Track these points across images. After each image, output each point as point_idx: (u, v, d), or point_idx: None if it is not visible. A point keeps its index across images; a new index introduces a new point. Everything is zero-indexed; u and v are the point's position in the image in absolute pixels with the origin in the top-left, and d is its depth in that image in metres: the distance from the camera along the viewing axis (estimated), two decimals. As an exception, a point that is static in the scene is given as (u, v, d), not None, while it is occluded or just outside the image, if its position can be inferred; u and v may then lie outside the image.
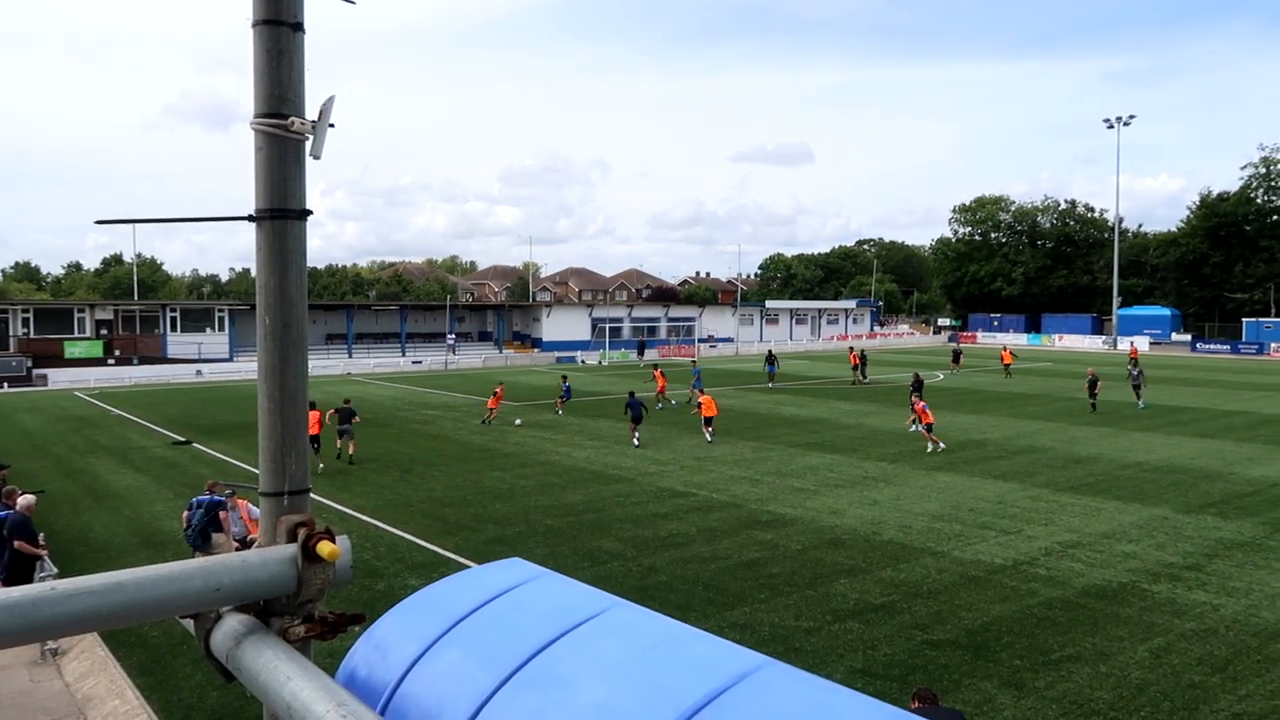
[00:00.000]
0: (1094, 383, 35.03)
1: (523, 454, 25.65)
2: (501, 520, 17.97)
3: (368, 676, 5.84)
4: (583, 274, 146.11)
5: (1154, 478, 21.84)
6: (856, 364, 47.09)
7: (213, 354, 60.16)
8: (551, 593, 6.20)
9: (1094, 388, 34.91)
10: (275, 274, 2.46)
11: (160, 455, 26.42)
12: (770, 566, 14.71)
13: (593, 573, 14.06)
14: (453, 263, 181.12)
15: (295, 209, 2.48)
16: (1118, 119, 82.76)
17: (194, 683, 10.40)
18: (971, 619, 12.23)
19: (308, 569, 2.19)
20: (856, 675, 10.40)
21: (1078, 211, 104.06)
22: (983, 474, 22.30)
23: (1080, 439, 27.73)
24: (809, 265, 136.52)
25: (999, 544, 15.97)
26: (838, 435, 28.79)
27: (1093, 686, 10.16)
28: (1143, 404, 36.42)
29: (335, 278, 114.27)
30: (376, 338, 71.24)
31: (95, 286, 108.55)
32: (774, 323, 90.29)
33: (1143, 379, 37.73)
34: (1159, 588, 13.57)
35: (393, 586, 13.52)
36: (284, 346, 2.46)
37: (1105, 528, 17.08)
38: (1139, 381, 37.34)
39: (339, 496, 20.11)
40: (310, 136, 2.49)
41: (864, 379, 46.59)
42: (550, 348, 71.36)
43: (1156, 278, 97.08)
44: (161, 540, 16.74)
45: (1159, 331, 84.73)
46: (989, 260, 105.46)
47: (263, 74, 2.46)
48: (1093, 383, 35.08)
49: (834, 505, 18.97)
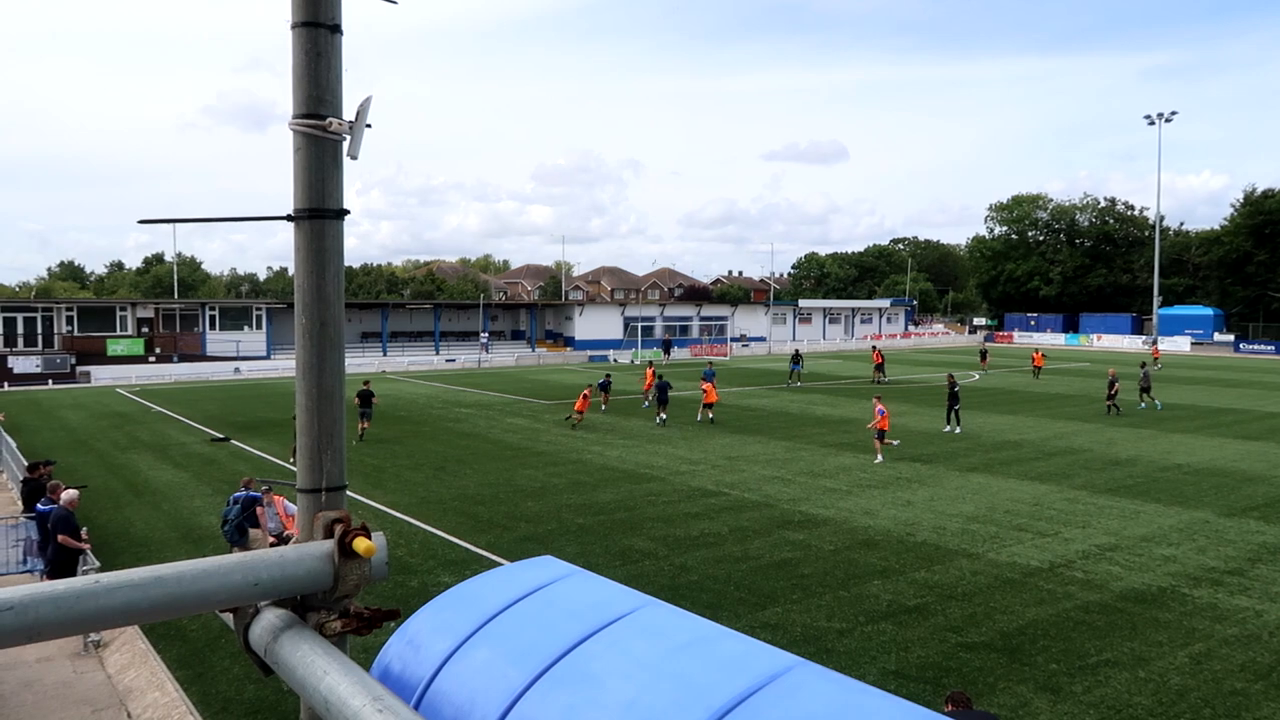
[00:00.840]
0: (1112, 383, 34.43)
1: (555, 452, 25.74)
2: (533, 518, 18.04)
3: (401, 672, 5.90)
4: (615, 273, 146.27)
5: (1195, 480, 21.46)
6: (880, 362, 47.76)
7: (250, 352, 60.95)
8: (583, 591, 6.23)
9: (1111, 388, 34.25)
10: (313, 273, 2.49)
11: (199, 452, 26.83)
12: (802, 567, 14.64)
13: (624, 571, 14.08)
14: (486, 262, 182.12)
15: (333, 209, 2.51)
16: (1159, 115, 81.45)
17: (232, 676, 10.56)
18: (1006, 622, 12.10)
19: (344, 565, 2.21)
20: (889, 677, 10.32)
21: (1117, 209, 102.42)
22: (1019, 475, 22.04)
23: (1118, 440, 27.32)
24: (842, 264, 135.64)
25: (1035, 546, 15.78)
26: (871, 435, 28.56)
27: (1131, 692, 10.01)
28: (1159, 405, 35.92)
29: (370, 276, 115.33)
30: (410, 336, 71.81)
31: (137, 285, 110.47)
32: (807, 322, 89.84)
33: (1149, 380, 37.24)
34: (1200, 592, 13.33)
35: (426, 583, 13.62)
36: (321, 345, 2.49)
37: (1144, 531, 16.81)
38: (1147, 383, 36.88)
39: (373, 494, 20.31)
40: (348, 137, 2.51)
41: (884, 378, 46.84)
42: (582, 346, 71.52)
43: (1199, 277, 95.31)
44: (200, 535, 17.00)
45: (1201, 331, 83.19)
46: (1026, 259, 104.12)
47: (301, 75, 2.49)
48: (1111, 383, 34.48)
49: (867, 506, 18.84)
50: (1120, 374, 36.44)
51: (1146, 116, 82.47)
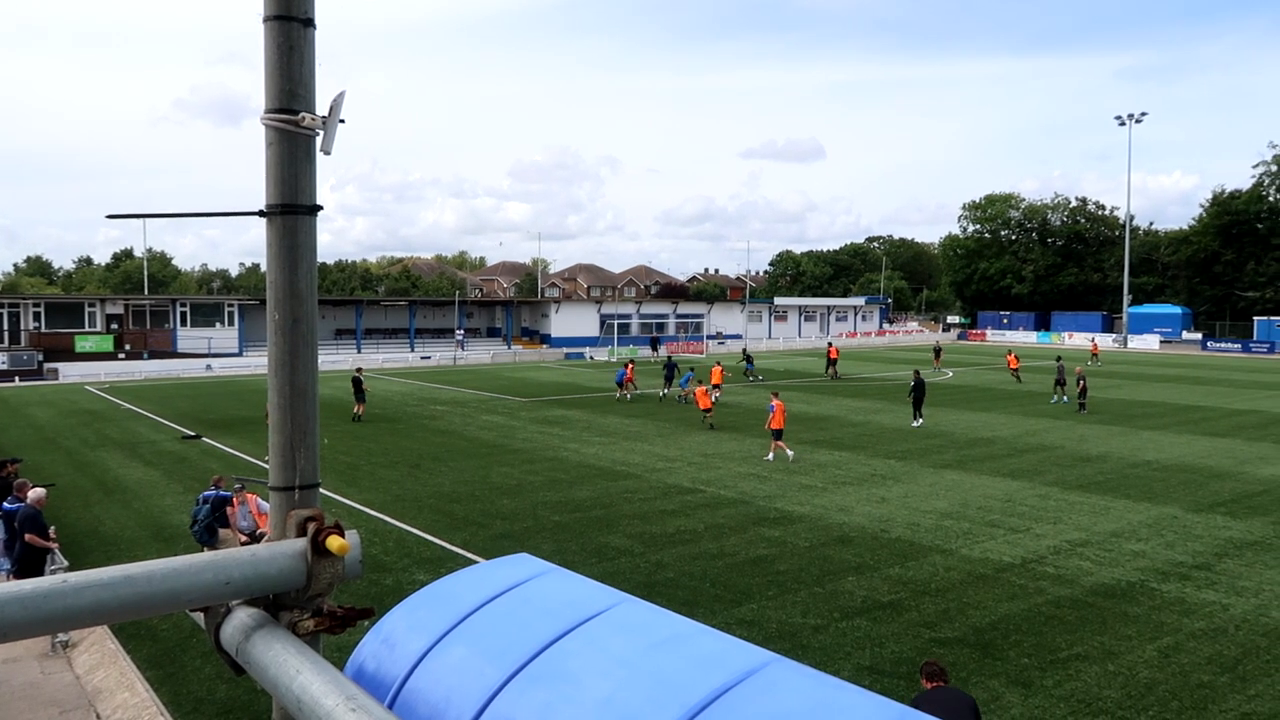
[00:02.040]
0: (1080, 379, 34.83)
1: (531, 450, 25.69)
2: (509, 516, 18.00)
3: (376, 670, 5.87)
4: (591, 270, 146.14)
5: (1164, 476, 21.76)
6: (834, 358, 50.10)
7: (222, 349, 60.37)
8: (559, 588, 6.22)
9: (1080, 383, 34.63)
10: (285, 269, 2.46)
11: (170, 449, 26.54)
12: (778, 563, 14.71)
13: (600, 569, 14.08)
14: (461, 258, 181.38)
15: (305, 204, 2.49)
16: (1129, 116, 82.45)
17: (203, 676, 10.46)
18: (979, 617, 12.21)
19: (317, 563, 2.19)
20: (864, 673, 10.40)
21: (1088, 209, 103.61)
22: (991, 472, 22.25)
23: (1089, 437, 27.65)
24: (818, 262, 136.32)
25: (1007, 542, 15.94)
26: (846, 432, 28.76)
27: (1101, 685, 10.14)
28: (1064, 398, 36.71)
29: (344, 273, 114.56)
30: (385, 333, 71.42)
31: (106, 281, 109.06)
32: (783, 319, 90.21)
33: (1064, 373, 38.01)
34: (1168, 587, 13.52)
35: (401, 581, 13.56)
36: (294, 342, 2.47)
37: (1114, 526, 17.02)
38: (1061, 377, 37.72)
39: (347, 491, 20.18)
40: (321, 132, 2.49)
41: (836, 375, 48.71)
42: (559, 344, 71.42)
43: (1168, 276, 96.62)
44: (171, 534, 16.82)
45: (1170, 330, 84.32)
46: (999, 258, 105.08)
47: (273, 69, 2.46)
48: (1079, 379, 34.90)
49: (842, 502, 18.95)
50: (1072, 368, 36.83)
51: (1117, 117, 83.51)
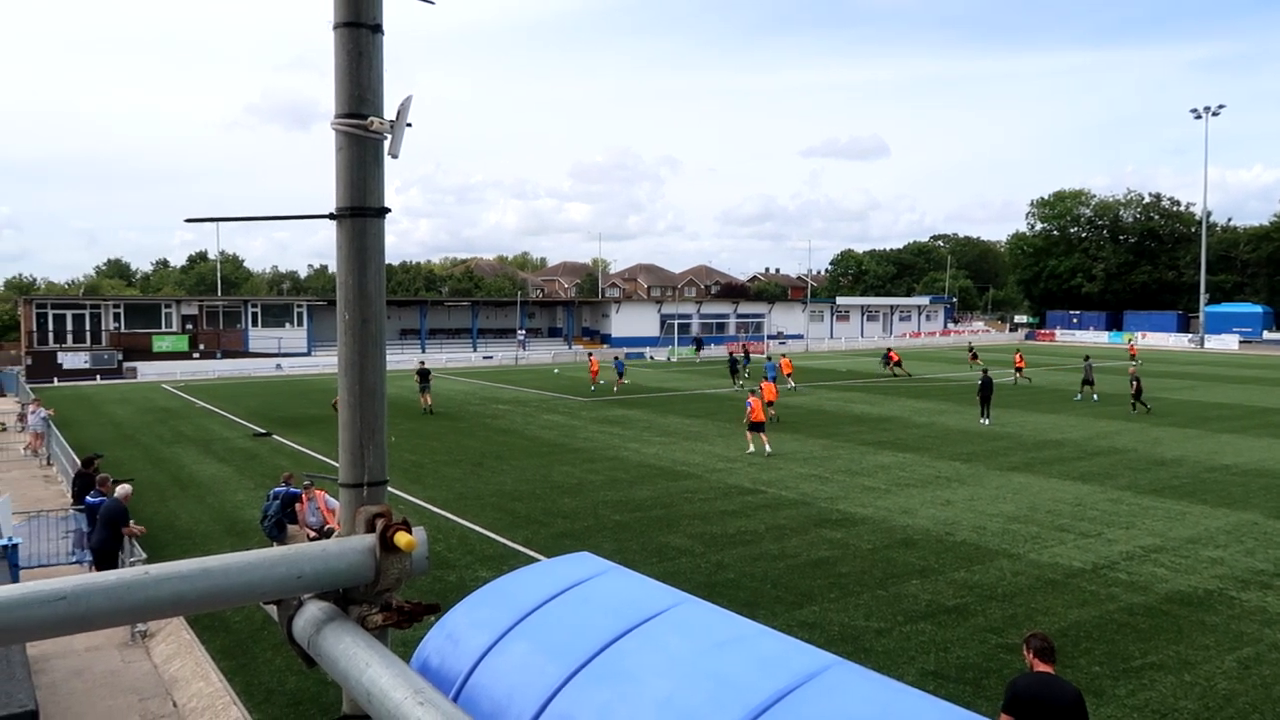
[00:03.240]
0: (1134, 379, 34.20)
1: (591, 449, 25.81)
2: (570, 515, 18.11)
3: (440, 665, 5.95)
4: (652, 270, 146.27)
5: (1243, 481, 21.00)
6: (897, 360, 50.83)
7: (292, 348, 61.81)
8: (619, 587, 6.24)
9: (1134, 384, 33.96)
10: (354, 271, 2.51)
11: (241, 446, 27.27)
12: (840, 565, 14.55)
13: (660, 568, 14.08)
14: (523, 259, 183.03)
15: (374, 207, 2.53)
16: (1205, 109, 79.81)
17: (274, 667, 10.72)
18: (1048, 623, 11.93)
19: (385, 559, 2.23)
20: (928, 678, 10.23)
21: (1162, 205, 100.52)
22: (1060, 475, 21.72)
23: (1164, 440, 26.82)
24: (880, 261, 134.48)
25: (1077, 547, 15.54)
26: (909, 434, 28.33)
27: (1176, 696, 9.83)
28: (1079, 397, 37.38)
29: (409, 274, 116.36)
30: (448, 333, 72.39)
31: (181, 283, 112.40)
32: (844, 319, 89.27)
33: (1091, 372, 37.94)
34: (1248, 595, 13.05)
35: (464, 578, 13.73)
36: (363, 342, 2.52)
37: (1190, 532, 16.49)
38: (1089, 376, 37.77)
39: (412, 489, 20.51)
40: (389, 136, 2.54)
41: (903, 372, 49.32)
42: (619, 343, 71.64)
43: (1247, 274, 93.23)
44: (244, 529, 17.29)
45: (1250, 329, 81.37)
46: (1068, 256, 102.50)
47: (343, 75, 2.52)
48: (1133, 379, 34.28)
49: (905, 505, 18.67)
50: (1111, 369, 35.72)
51: (1193, 110, 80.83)
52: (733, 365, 45.95)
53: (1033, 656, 6.90)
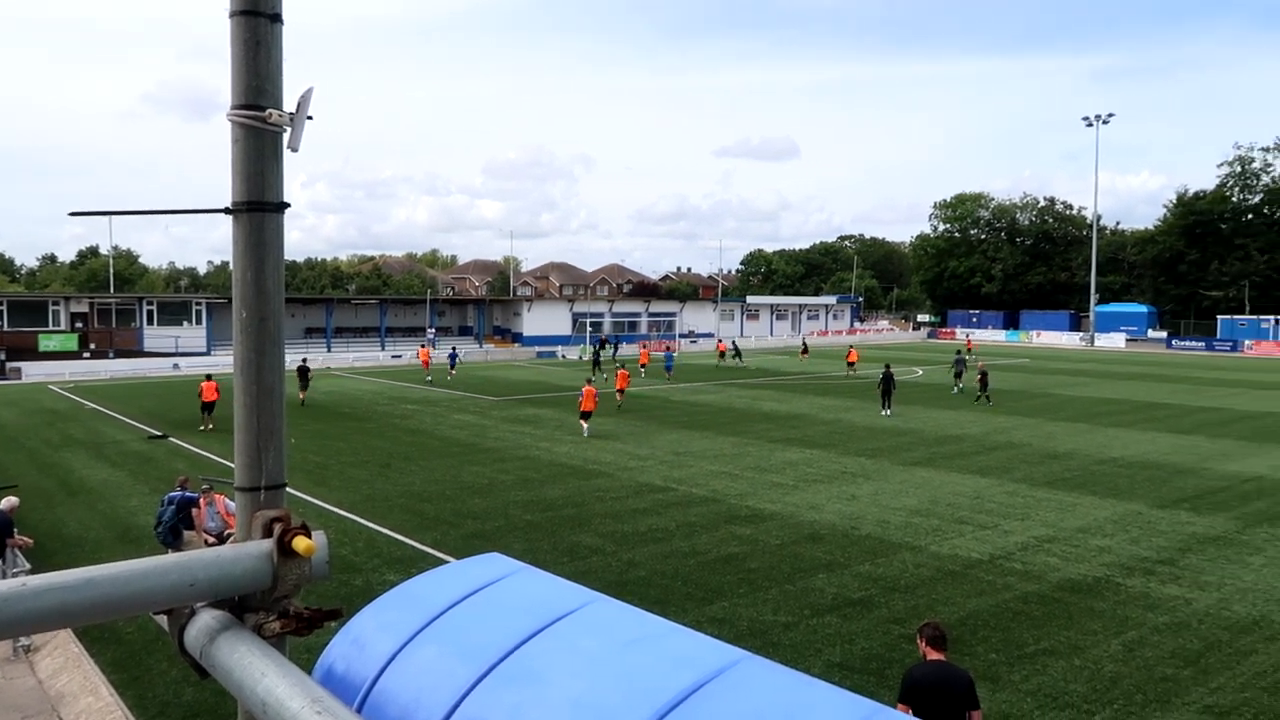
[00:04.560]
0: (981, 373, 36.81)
1: (502, 449, 25.61)
2: (480, 515, 17.93)
3: (345, 672, 5.82)
4: (564, 269, 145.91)
5: (1129, 473, 22.08)
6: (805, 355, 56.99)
7: (190, 347, 59.62)
8: (530, 588, 6.20)
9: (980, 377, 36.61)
10: (252, 267, 2.44)
11: (136, 449, 26.18)
12: (749, 561, 14.77)
13: (572, 568, 14.06)
14: (433, 257, 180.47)
15: (273, 202, 2.46)
16: (1096, 117, 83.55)
17: (169, 679, 10.33)
18: (948, 613, 12.33)
19: (283, 564, 2.17)
20: (834, 669, 10.46)
21: (1056, 209, 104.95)
22: (960, 469, 22.47)
23: (1057, 434, 28.00)
24: (790, 261, 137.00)
25: (976, 539, 16.10)
26: (817, 430, 28.92)
27: (1067, 679, 10.27)
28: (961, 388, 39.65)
29: (314, 271, 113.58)
30: (356, 332, 70.85)
31: (71, 279, 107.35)
32: (754, 318, 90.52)
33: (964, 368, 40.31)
34: (1133, 582, 13.72)
35: (370, 582, 13.46)
36: (260, 340, 2.45)
37: (1080, 522, 17.25)
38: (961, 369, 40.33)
39: (316, 491, 20.01)
40: (288, 129, 2.47)
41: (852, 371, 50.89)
42: (531, 342, 71.23)
43: (1134, 275, 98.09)
44: (137, 535, 16.60)
45: (1135, 328, 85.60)
46: (968, 257, 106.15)
47: (240, 65, 2.44)
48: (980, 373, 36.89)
49: (813, 500, 19.05)
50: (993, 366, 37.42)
51: (1085, 118, 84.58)
52: (596, 359, 49.89)
53: (926, 645, 7.15)
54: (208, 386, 30.25)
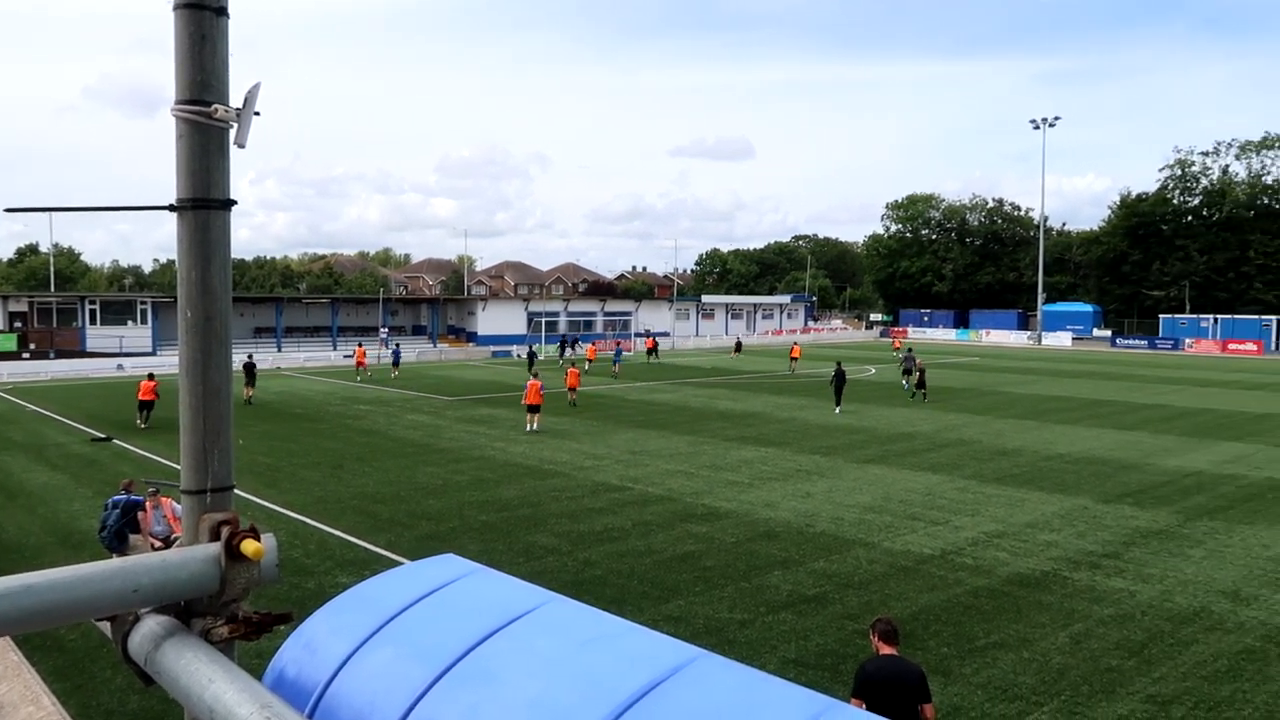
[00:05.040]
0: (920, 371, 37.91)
1: (457, 449, 25.42)
2: (435, 516, 17.79)
3: (297, 676, 5.73)
4: (519, 268, 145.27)
5: (1075, 469, 22.55)
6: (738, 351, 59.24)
7: (135, 348, 58.33)
8: (485, 589, 6.16)
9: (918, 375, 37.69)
10: (197, 265, 2.39)
11: (79, 452, 25.55)
12: (705, 559, 14.82)
13: (528, 568, 14.01)
14: (386, 255, 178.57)
15: (218, 199, 2.41)
16: (1044, 120, 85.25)
17: (114, 687, 10.10)
18: (901, 608, 12.49)
19: (231, 568, 2.13)
20: (789, 665, 10.54)
21: (1004, 210, 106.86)
22: (912, 466, 22.77)
23: (1005, 431, 28.50)
24: (745, 261, 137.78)
25: (928, 535, 16.33)
26: (772, 429, 29.13)
27: (1016, 672, 10.46)
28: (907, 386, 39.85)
29: (264, 270, 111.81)
30: (307, 331, 69.87)
31: (9, 277, 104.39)
32: (709, 317, 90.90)
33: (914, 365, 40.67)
34: (1079, 575, 14.02)
35: (323, 585, 13.28)
36: (206, 340, 2.40)
37: (1029, 518, 17.58)
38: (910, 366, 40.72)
39: (266, 493, 19.69)
40: (235, 124, 2.42)
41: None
42: (485, 341, 70.81)
43: (1079, 275, 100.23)
44: (80, 540, 16.20)
45: (1082, 327, 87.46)
46: (920, 257, 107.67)
47: (184, 59, 2.39)
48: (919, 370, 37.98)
49: (768, 498, 19.18)
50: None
51: (1032, 121, 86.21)
52: (531, 357, 50.68)
53: (878, 640, 7.26)
54: (145, 385, 30.05)
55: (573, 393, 35.25)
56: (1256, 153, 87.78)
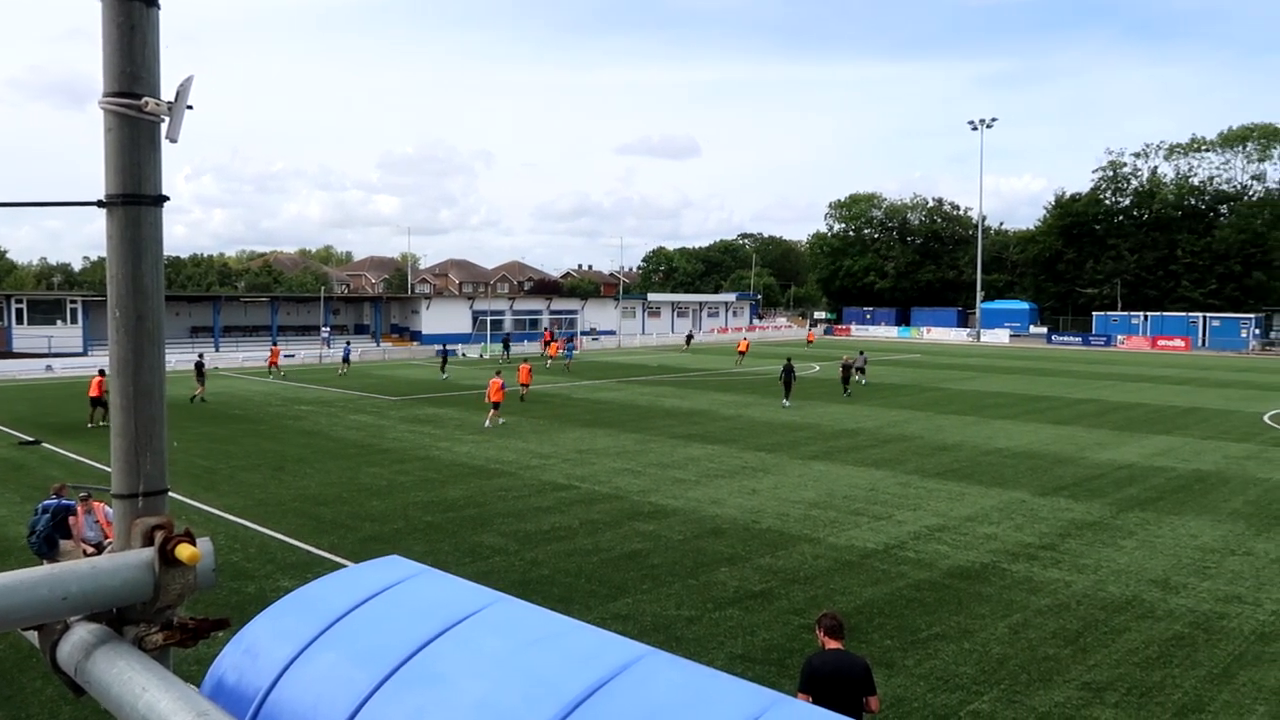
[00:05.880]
0: (847, 368, 38.85)
1: (401, 449, 25.13)
2: (379, 518, 17.56)
3: (237, 683, 5.61)
4: (463, 266, 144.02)
5: (1013, 463, 23.06)
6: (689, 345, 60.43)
7: (65, 348, 56.61)
8: (431, 590, 6.09)
9: (847, 372, 38.65)
10: (128, 263, 2.32)
11: (5, 456, 24.71)
12: (652, 557, 14.85)
13: (474, 568, 13.90)
14: (327, 253, 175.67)
15: (150, 194, 2.35)
16: (981, 121, 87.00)
17: (44, 698, 9.79)
18: (845, 602, 12.65)
19: (165, 574, 2.07)
20: (736, 661, 10.61)
21: (944, 209, 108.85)
22: (856, 462, 23.08)
23: (946, 427, 29.03)
24: (690, 259, 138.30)
25: (871, 529, 16.57)
26: (718, 426, 29.29)
27: (957, 662, 10.66)
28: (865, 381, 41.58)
29: (200, 267, 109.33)
30: (245, 330, 68.45)
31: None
32: (656, 315, 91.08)
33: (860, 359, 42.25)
34: (1017, 567, 14.33)
35: (264, 589, 13.03)
36: (138, 340, 2.33)
37: (969, 511, 17.93)
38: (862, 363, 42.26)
39: (204, 496, 19.25)
40: (166, 118, 2.36)
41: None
42: (430, 340, 70.05)
43: (1016, 273, 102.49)
44: (6, 547, 15.67)
45: (1019, 324, 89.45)
46: (862, 255, 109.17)
47: (113, 50, 2.32)
48: (846, 368, 38.93)
49: (714, 495, 19.29)
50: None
51: (970, 122, 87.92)
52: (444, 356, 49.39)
53: (824, 635, 7.35)
54: (96, 382, 29.90)
55: (524, 388, 35.36)
56: (1184, 155, 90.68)
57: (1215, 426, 29.71)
